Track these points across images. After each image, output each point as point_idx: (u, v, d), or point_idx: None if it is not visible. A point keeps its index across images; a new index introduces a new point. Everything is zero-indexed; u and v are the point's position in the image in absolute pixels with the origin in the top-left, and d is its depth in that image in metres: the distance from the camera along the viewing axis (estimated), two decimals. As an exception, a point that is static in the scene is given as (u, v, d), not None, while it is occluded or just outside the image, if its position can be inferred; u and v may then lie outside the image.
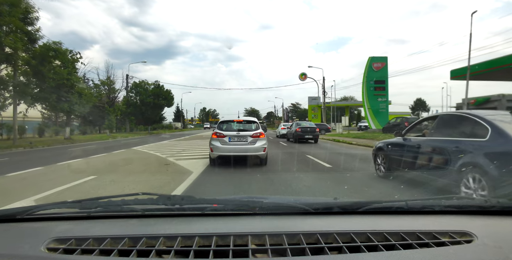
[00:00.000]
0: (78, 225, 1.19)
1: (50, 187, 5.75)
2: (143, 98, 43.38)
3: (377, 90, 30.70)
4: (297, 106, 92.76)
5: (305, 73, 48.05)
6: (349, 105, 65.29)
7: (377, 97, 30.79)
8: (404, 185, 5.66)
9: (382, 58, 31.14)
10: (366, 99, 30.81)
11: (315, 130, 19.68)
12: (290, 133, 21.16)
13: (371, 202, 1.25)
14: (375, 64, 30.70)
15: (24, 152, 14.82)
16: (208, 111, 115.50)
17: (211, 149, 8.28)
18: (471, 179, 4.09)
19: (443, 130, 5.16)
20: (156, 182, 6.39)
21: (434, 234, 1.03)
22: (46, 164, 9.27)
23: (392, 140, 6.50)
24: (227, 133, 8.29)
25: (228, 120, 9.15)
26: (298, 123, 21.35)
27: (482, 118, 4.40)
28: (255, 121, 9.09)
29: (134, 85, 44.88)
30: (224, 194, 5.35)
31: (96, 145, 18.83)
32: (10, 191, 5.78)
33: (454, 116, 5.32)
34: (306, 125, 20.23)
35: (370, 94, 30.68)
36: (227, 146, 8.16)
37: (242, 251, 0.94)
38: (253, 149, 8.16)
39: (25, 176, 7.35)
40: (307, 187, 5.78)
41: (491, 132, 4.10)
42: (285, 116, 77.73)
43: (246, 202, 1.29)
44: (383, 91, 30.71)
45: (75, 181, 6.26)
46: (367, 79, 30.54)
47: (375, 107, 30.59)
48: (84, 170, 8.32)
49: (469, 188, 4.09)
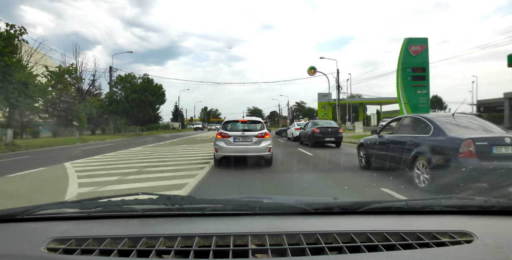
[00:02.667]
0: (78, 225, 1.18)
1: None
2: (127, 94, 36.87)
3: (415, 80, 24.24)
4: (302, 104, 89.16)
5: (314, 67, 44.39)
6: (368, 102, 58.28)
7: (415, 89, 24.36)
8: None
9: (421, 40, 24.62)
10: (402, 91, 24.37)
11: (338, 131, 15.56)
12: (305, 134, 17.26)
13: (371, 202, 1.25)
14: (413, 47, 24.21)
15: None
16: (210, 110, 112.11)
17: (216, 150, 8.28)
18: (420, 164, 5.46)
19: (404, 128, 6.58)
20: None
21: (434, 234, 1.02)
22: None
23: (370, 137, 7.99)
24: (232, 133, 8.29)
25: (232, 120, 9.16)
26: (315, 122, 16.96)
27: (428, 119, 5.81)
28: (260, 121, 9.05)
29: (118, 79, 38.36)
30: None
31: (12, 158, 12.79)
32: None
33: (411, 117, 6.77)
34: (325, 125, 16.22)
35: (407, 85, 24.24)
36: (232, 147, 8.16)
37: (242, 251, 0.93)
38: (258, 150, 8.17)
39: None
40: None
41: (433, 130, 5.50)
42: (290, 115, 72.17)
43: (246, 202, 1.30)
44: (423, 81, 24.23)
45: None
46: (402, 66, 24.06)
47: (413, 102, 24.13)
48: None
49: (419, 171, 5.46)
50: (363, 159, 7.92)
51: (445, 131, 5.23)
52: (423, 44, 24.36)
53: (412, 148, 5.68)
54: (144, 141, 22.66)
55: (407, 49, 24.18)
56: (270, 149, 8.20)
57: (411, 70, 24.07)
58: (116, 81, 38.19)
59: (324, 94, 54.09)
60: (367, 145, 7.80)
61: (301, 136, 18.13)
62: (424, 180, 5.30)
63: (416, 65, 24.06)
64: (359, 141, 8.55)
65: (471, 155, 4.69)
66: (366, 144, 7.86)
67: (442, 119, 5.69)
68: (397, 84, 24.50)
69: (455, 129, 5.32)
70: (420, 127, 5.88)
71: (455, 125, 5.44)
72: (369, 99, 56.85)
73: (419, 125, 5.97)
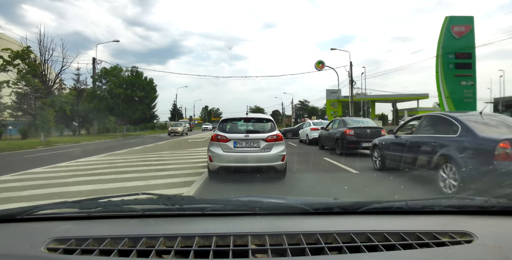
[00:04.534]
0: (78, 225, 1.18)
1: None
2: (111, 88, 31.80)
3: (459, 68, 19.50)
4: (306, 103, 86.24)
5: (322, 61, 40.86)
6: (387, 99, 52.80)
7: (459, 79, 19.74)
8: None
9: (465, 19, 19.87)
10: (442, 82, 19.74)
11: (379, 134, 11.02)
12: (328, 137, 13.14)
13: (371, 202, 1.24)
14: (456, 27, 19.52)
15: None
16: (211, 109, 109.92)
17: (210, 158, 6.25)
18: (446, 167, 5.01)
19: (426, 128, 6.18)
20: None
21: (434, 234, 1.02)
22: None
23: (385, 137, 7.73)
24: (232, 135, 6.26)
25: (232, 118, 6.90)
26: (345, 121, 12.52)
27: (455, 117, 5.39)
28: (269, 119, 6.87)
29: (103, 72, 33.50)
30: None
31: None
32: None
33: (435, 116, 6.24)
34: (361, 124, 11.97)
35: (448, 75, 19.60)
36: (232, 154, 6.13)
37: (242, 251, 0.93)
38: (268, 158, 6.13)
39: None
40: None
41: (460, 129, 5.07)
42: (294, 114, 68.14)
43: (246, 202, 1.28)
44: (469, 70, 19.55)
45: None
46: (443, 51, 19.30)
47: (456, 95, 19.53)
48: None
49: (445, 174, 5.02)
50: (377, 160, 7.65)
51: (475, 131, 4.83)
52: (469, 24, 19.65)
53: (437, 150, 5.33)
54: (124, 144, 18.69)
55: (449, 30, 19.48)
56: (284, 157, 6.26)
57: (453, 57, 19.44)
58: (99, 74, 33.36)
59: (333, 90, 49.52)
60: (382, 146, 7.49)
61: (322, 139, 13.95)
62: (450, 185, 4.87)
63: (460, 50, 19.31)
64: (372, 142, 8.20)
65: (507, 157, 4.26)
66: (381, 145, 7.55)
67: (470, 118, 5.29)
68: (437, 73, 19.81)
69: (485, 129, 4.92)
70: (445, 127, 5.50)
71: (485, 125, 5.06)
72: (391, 95, 51.25)
73: (444, 124, 5.61)
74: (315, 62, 40.81)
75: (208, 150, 6.37)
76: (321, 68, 40.82)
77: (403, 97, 46.72)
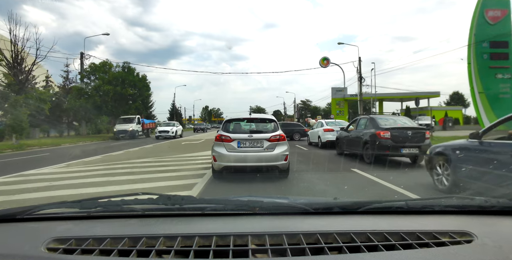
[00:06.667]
0: (78, 225, 1.17)
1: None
2: (99, 85, 28.94)
3: (494, 59, 16.77)
4: (308, 103, 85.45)
5: (327, 57, 39.53)
6: (404, 97, 49.80)
7: (494, 72, 17.02)
8: None
9: (501, 3, 17.09)
10: (475, 75, 17.02)
11: (424, 137, 8.73)
12: (353, 140, 10.45)
13: (371, 202, 1.23)
14: (491, 11, 16.76)
15: None
16: (212, 110, 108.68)
17: (214, 158, 6.49)
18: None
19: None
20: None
21: (434, 234, 1.01)
22: None
23: (461, 143, 5.31)
24: (236, 135, 6.50)
25: (236, 119, 7.23)
26: (375, 120, 9.60)
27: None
28: (272, 119, 7.08)
29: (92, 68, 30.76)
30: None
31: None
32: None
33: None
34: (398, 125, 9.30)
35: (482, 67, 16.89)
36: (236, 154, 6.35)
37: (242, 251, 0.93)
38: (271, 158, 6.37)
39: None
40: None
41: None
42: (297, 114, 65.99)
43: (246, 202, 1.27)
44: (506, 61, 16.79)
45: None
46: (476, 38, 16.57)
47: (491, 90, 16.89)
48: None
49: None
50: (443, 177, 5.34)
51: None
52: (505, 8, 16.88)
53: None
54: (106, 148, 16.00)
55: (482, 15, 16.75)
56: (287, 156, 6.39)
57: (488, 45, 16.72)
58: (88, 70, 30.63)
59: (339, 88, 46.88)
60: (456, 157, 5.09)
61: (342, 143, 11.33)
62: None
63: (495, 37, 16.58)
64: (433, 150, 5.81)
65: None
66: (452, 155, 5.17)
67: None
68: (469, 65, 17.11)
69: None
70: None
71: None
72: (401, 93, 47.96)
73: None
74: (319, 59, 39.83)
75: (212, 150, 6.60)
76: (326, 65, 39.28)
77: (414, 95, 43.89)
